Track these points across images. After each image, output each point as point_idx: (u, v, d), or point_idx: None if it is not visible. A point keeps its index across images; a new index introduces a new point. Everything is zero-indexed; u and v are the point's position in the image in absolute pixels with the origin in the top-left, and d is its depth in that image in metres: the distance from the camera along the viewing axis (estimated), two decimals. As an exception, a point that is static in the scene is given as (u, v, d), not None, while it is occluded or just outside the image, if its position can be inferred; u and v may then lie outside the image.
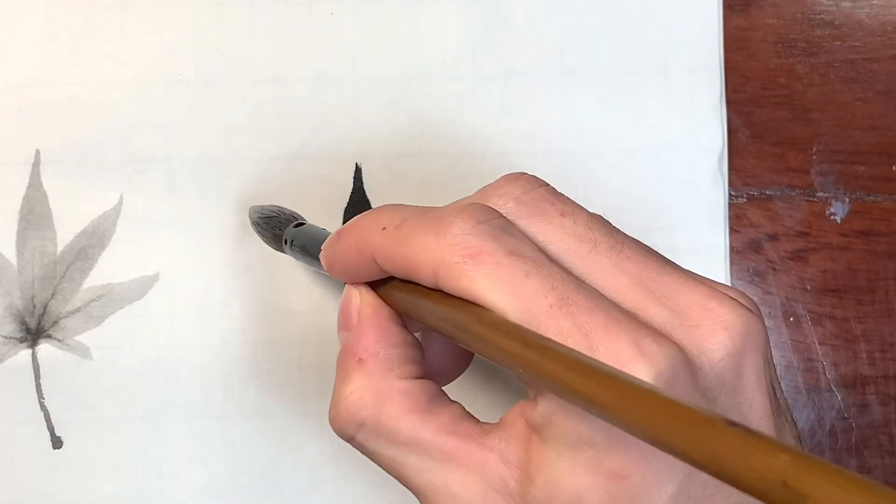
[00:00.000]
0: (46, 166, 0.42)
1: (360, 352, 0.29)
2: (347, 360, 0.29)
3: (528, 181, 0.29)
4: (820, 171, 0.43)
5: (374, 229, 0.28)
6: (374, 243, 0.28)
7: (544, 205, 0.28)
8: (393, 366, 0.29)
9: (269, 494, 0.41)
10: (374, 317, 0.29)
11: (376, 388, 0.28)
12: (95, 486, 0.41)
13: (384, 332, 0.29)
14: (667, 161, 0.43)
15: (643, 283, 0.27)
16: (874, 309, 0.43)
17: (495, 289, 0.25)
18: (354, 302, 0.30)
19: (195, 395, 0.41)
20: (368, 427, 0.28)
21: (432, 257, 0.26)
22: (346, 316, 0.30)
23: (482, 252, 0.25)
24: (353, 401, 0.28)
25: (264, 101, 0.42)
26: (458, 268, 0.25)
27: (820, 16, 0.44)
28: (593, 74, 0.43)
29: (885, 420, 0.43)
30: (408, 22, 0.43)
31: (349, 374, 0.29)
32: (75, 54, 0.42)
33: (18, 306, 0.41)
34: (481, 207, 0.27)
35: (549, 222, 0.28)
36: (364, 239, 0.29)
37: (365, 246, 0.29)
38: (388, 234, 0.28)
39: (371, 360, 0.29)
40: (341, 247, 0.30)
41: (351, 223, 0.30)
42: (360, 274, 0.30)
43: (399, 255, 0.27)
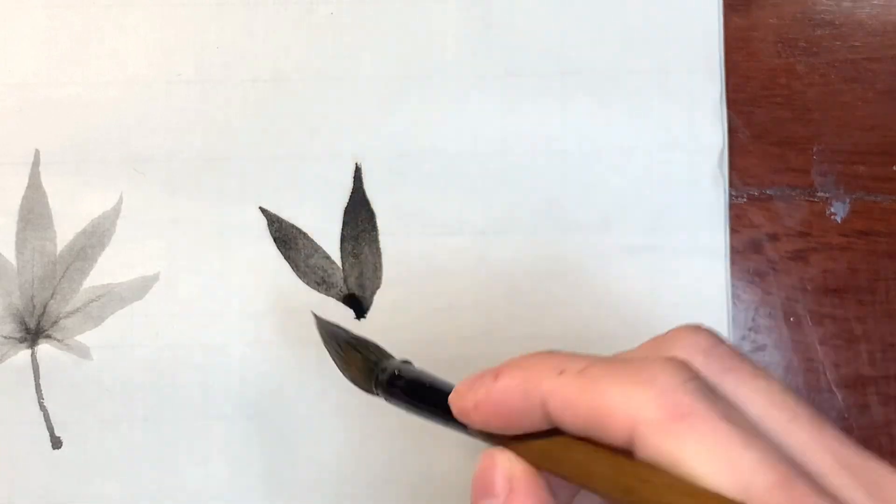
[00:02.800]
0: (46, 166, 0.42)
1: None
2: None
3: (712, 335, 0.26)
4: (820, 171, 0.43)
5: (549, 372, 0.25)
6: (550, 388, 0.25)
7: (734, 362, 0.25)
8: None
9: (269, 494, 0.41)
10: (531, 484, 0.26)
11: None
12: (95, 486, 0.41)
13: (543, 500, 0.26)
14: (667, 161, 0.42)
15: (848, 467, 0.24)
16: (875, 309, 0.43)
17: (709, 458, 0.22)
18: (502, 466, 0.27)
19: (195, 395, 0.41)
20: None
21: (631, 411, 0.23)
22: (489, 482, 0.27)
23: (695, 414, 0.22)
24: None
25: (264, 101, 0.42)
26: (665, 427, 0.22)
27: (820, 16, 0.44)
28: (593, 74, 0.43)
29: (885, 420, 0.42)
30: (408, 22, 0.43)
31: None
32: (75, 54, 0.42)
33: (18, 306, 0.41)
34: (684, 363, 0.24)
35: (742, 383, 0.25)
36: (535, 381, 0.25)
37: (535, 390, 0.25)
38: (570, 379, 0.24)
39: None
40: (499, 388, 0.26)
41: (513, 363, 0.26)
42: (516, 423, 0.26)
43: (584, 403, 0.24)
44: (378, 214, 0.42)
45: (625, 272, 0.42)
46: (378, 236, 0.42)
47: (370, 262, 0.42)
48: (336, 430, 0.42)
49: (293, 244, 0.42)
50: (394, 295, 0.42)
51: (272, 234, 0.42)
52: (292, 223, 0.42)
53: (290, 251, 0.42)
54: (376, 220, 0.42)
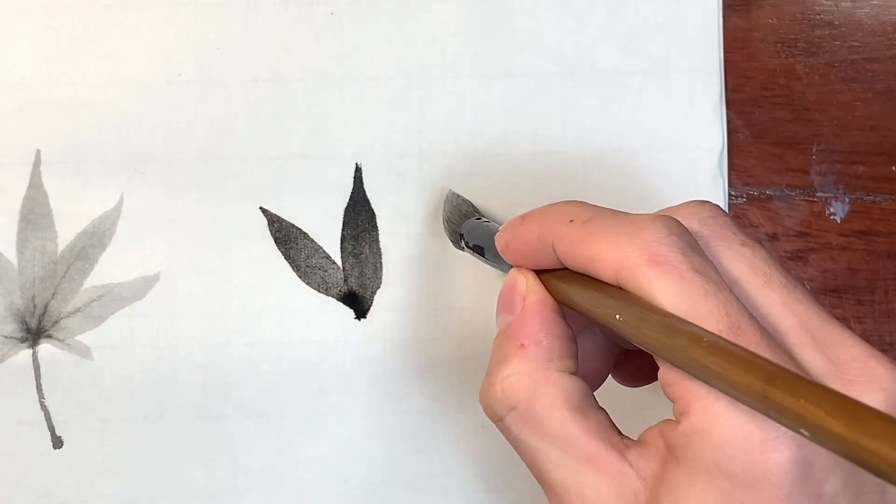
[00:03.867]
0: (47, 166, 0.42)
1: (522, 337, 0.29)
2: (508, 343, 0.29)
3: (715, 208, 0.29)
4: (820, 171, 0.43)
5: (562, 219, 0.29)
6: (559, 233, 0.29)
7: (726, 231, 0.29)
8: (553, 356, 0.29)
9: (269, 494, 0.41)
10: (539, 305, 0.30)
11: (534, 375, 0.28)
12: (95, 486, 0.41)
13: (549, 321, 0.29)
14: (667, 161, 0.43)
15: (808, 328, 0.27)
16: (874, 309, 0.43)
17: (673, 300, 0.25)
18: (520, 287, 0.30)
19: (195, 395, 0.41)
20: (519, 412, 0.28)
21: (617, 256, 0.26)
22: (510, 300, 0.30)
23: (668, 262, 0.26)
24: (510, 383, 0.28)
25: (264, 101, 0.42)
26: (642, 271, 0.26)
27: (820, 16, 0.44)
28: (593, 74, 0.43)
29: (884, 420, 0.42)
30: (408, 22, 0.43)
31: (509, 357, 0.29)
32: (75, 54, 0.42)
33: (19, 306, 0.41)
34: (672, 220, 0.27)
35: (728, 248, 0.28)
36: (549, 226, 0.29)
37: (548, 233, 0.29)
38: (575, 227, 0.28)
39: (533, 346, 0.29)
40: (523, 230, 0.30)
41: (538, 210, 0.30)
42: (535, 259, 0.30)
43: (582, 248, 0.28)
44: (378, 214, 0.42)
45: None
46: (378, 236, 0.42)
47: (370, 262, 0.42)
48: (336, 430, 0.42)
49: (293, 244, 0.42)
50: (394, 295, 0.42)
51: (272, 234, 0.42)
52: (292, 223, 0.42)
53: (290, 251, 0.42)
54: (376, 220, 0.42)
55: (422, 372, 0.42)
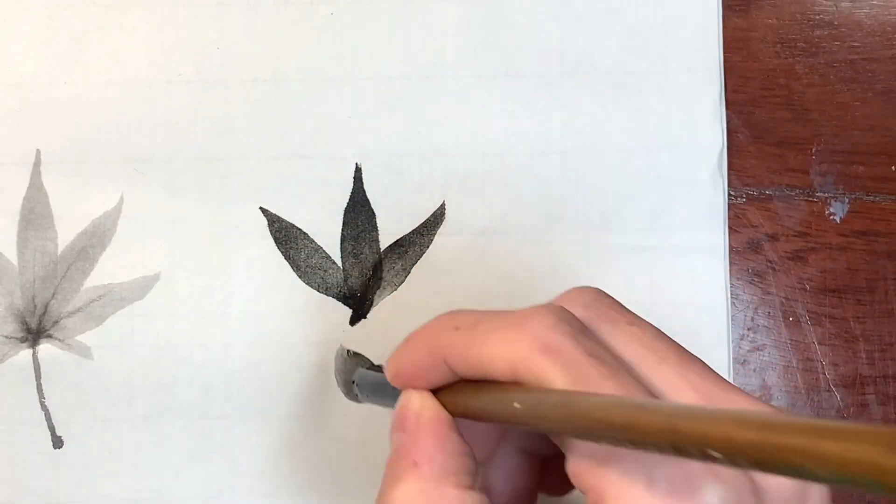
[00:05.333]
0: (47, 166, 0.42)
1: (415, 455, 0.28)
2: (400, 462, 0.29)
3: (596, 291, 0.29)
4: (819, 172, 0.43)
5: (447, 330, 0.28)
6: (447, 342, 0.28)
7: (612, 312, 0.29)
8: (448, 473, 0.28)
9: (269, 494, 0.41)
10: (434, 422, 0.29)
11: (428, 493, 0.28)
12: (96, 486, 0.41)
13: (443, 437, 0.29)
14: (667, 161, 0.43)
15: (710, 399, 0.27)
16: (873, 309, 0.43)
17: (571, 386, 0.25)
18: (414, 405, 0.30)
19: (195, 395, 0.41)
20: None
21: (510, 352, 0.26)
22: (403, 418, 0.30)
23: (562, 350, 0.26)
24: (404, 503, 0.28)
25: (264, 101, 0.42)
26: (536, 361, 0.26)
27: (819, 16, 0.44)
28: (593, 75, 0.43)
29: (884, 420, 0.43)
30: (408, 22, 0.43)
31: (401, 476, 0.28)
32: (75, 54, 0.42)
33: (19, 306, 0.41)
34: (558, 308, 0.27)
35: (618, 329, 0.28)
36: (436, 339, 0.29)
37: (436, 346, 0.29)
38: (462, 334, 0.28)
39: (427, 464, 0.28)
40: (409, 350, 0.30)
41: (420, 328, 0.30)
42: (427, 378, 0.29)
43: (474, 352, 0.27)
44: (378, 214, 0.42)
45: (624, 272, 0.42)
46: (378, 236, 0.42)
47: (370, 262, 0.42)
48: (336, 430, 0.42)
49: (293, 244, 0.42)
50: (394, 295, 0.42)
51: (272, 234, 0.42)
52: (292, 223, 0.42)
53: (290, 251, 0.42)
54: (376, 220, 0.42)
55: (422, 372, 0.42)
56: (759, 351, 0.43)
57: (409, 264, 0.42)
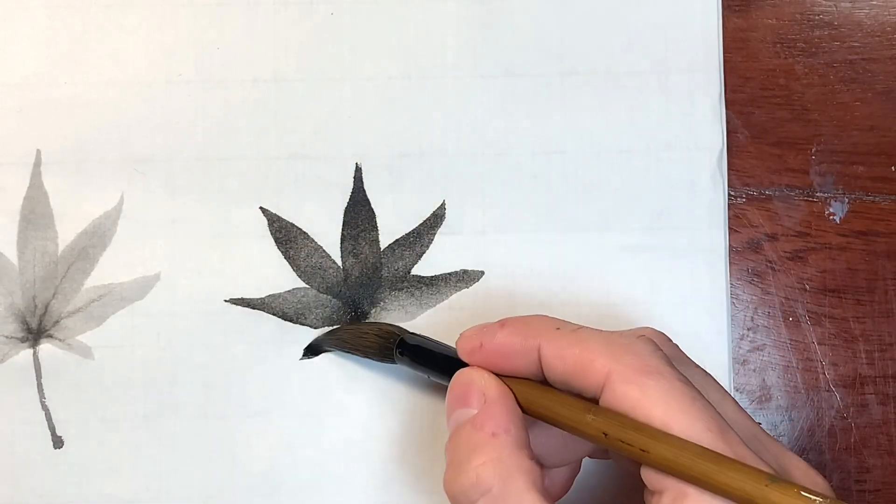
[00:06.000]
0: (47, 166, 0.42)
1: (493, 427, 0.31)
2: (476, 433, 0.31)
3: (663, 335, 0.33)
4: (819, 172, 0.43)
5: (549, 324, 0.32)
6: (549, 335, 0.31)
7: (681, 354, 0.33)
8: (523, 444, 0.31)
9: (269, 494, 0.41)
10: (504, 397, 0.32)
11: (507, 461, 0.30)
12: (96, 486, 0.41)
13: (515, 412, 0.32)
14: (667, 161, 0.43)
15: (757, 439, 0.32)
16: (873, 309, 0.43)
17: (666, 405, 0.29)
18: (478, 383, 0.33)
19: (195, 395, 0.41)
20: (493, 495, 0.30)
21: (610, 363, 0.30)
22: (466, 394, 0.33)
23: (660, 372, 0.29)
24: (484, 470, 0.30)
25: (264, 101, 0.42)
26: (637, 378, 0.29)
27: (819, 16, 0.44)
28: (593, 74, 0.43)
29: (883, 420, 0.43)
30: (408, 22, 0.43)
31: (479, 445, 0.31)
32: (75, 54, 0.42)
33: (20, 306, 0.41)
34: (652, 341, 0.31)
35: (687, 367, 0.32)
36: (536, 330, 0.32)
37: (535, 337, 0.32)
38: (565, 333, 0.31)
39: (504, 435, 0.31)
40: (503, 333, 0.33)
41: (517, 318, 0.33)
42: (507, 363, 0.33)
43: (574, 352, 0.31)
44: (378, 214, 0.42)
45: (624, 272, 0.42)
46: (378, 236, 0.42)
47: (370, 262, 0.42)
48: (336, 430, 0.42)
49: (293, 244, 0.42)
50: (394, 295, 0.42)
51: (272, 234, 0.42)
52: (292, 223, 0.42)
53: (290, 251, 0.42)
54: (376, 220, 0.42)
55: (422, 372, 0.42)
56: (759, 351, 0.43)
57: (409, 264, 0.42)
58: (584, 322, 0.42)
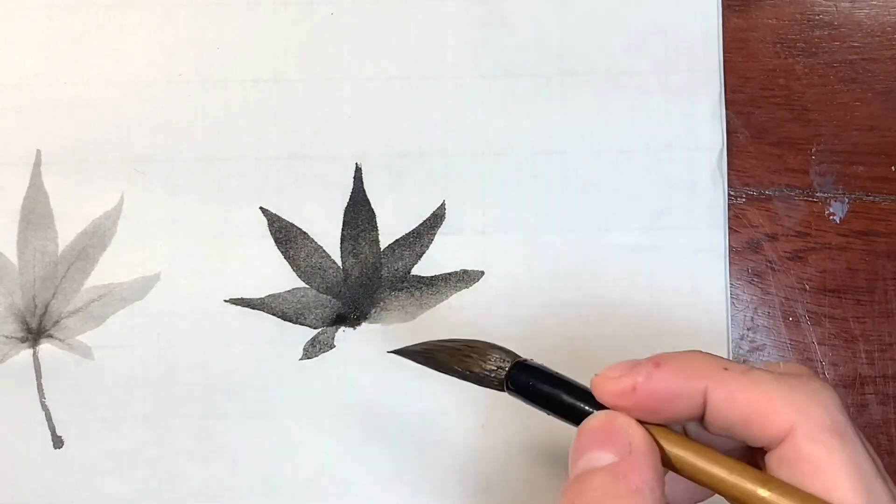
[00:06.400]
0: (47, 166, 0.42)
1: (638, 481, 0.28)
2: (616, 483, 0.28)
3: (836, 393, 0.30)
4: (819, 172, 0.43)
5: (715, 365, 0.28)
6: (716, 377, 0.28)
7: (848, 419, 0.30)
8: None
9: (269, 494, 0.41)
10: (652, 452, 0.29)
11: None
12: (96, 486, 0.41)
13: (659, 471, 0.28)
14: (667, 161, 0.43)
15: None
16: (873, 309, 0.43)
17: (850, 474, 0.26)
18: (623, 428, 0.29)
19: (195, 395, 0.41)
20: None
21: (795, 415, 0.27)
22: (610, 439, 0.29)
23: (848, 435, 0.26)
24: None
25: (264, 101, 0.42)
26: (823, 437, 0.26)
27: (819, 16, 0.44)
28: (593, 75, 0.43)
29: (883, 420, 0.43)
30: (408, 22, 0.43)
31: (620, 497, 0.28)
32: (75, 54, 0.42)
33: (20, 306, 0.41)
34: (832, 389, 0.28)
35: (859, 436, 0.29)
36: (700, 371, 0.28)
37: (700, 378, 0.28)
38: (735, 375, 0.28)
39: (649, 493, 0.28)
40: (663, 373, 0.29)
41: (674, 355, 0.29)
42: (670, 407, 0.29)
43: (749, 397, 0.27)
44: (378, 214, 0.42)
45: (624, 272, 0.42)
46: (378, 236, 0.42)
47: (370, 262, 0.42)
48: (336, 430, 0.42)
49: (293, 244, 0.42)
50: (394, 295, 0.42)
51: (272, 234, 0.42)
52: (292, 223, 0.42)
53: (290, 251, 0.42)
54: (376, 220, 0.42)
55: (422, 372, 0.42)
56: (759, 351, 0.43)
57: (409, 264, 0.42)
58: (585, 322, 0.42)
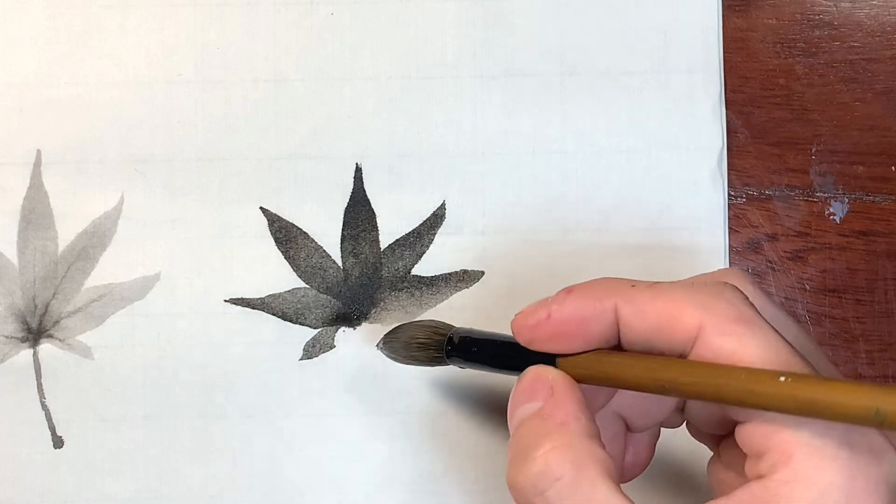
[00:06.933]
0: (47, 166, 0.42)
1: (562, 416, 0.30)
2: (545, 422, 0.30)
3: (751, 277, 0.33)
4: (819, 172, 0.43)
5: (623, 284, 0.30)
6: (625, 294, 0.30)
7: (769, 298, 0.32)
8: (593, 434, 0.30)
9: (269, 494, 0.41)
10: (572, 388, 0.30)
11: (578, 448, 0.29)
12: (96, 486, 0.41)
13: (583, 403, 0.30)
14: (667, 161, 0.43)
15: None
16: (873, 309, 0.43)
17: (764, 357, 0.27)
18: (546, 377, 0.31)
19: (195, 395, 0.41)
20: (564, 484, 0.28)
21: (701, 315, 0.28)
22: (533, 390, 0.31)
23: (754, 322, 0.28)
24: (553, 456, 0.29)
25: (264, 101, 0.42)
26: (730, 328, 0.28)
27: (819, 16, 0.44)
28: (593, 74, 0.43)
29: (883, 419, 0.43)
30: (408, 22, 0.43)
31: (548, 433, 0.29)
32: (75, 54, 0.42)
33: (20, 306, 0.41)
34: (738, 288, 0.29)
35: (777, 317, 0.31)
36: (609, 290, 0.30)
37: (609, 297, 0.30)
38: (643, 290, 0.30)
39: (575, 423, 0.29)
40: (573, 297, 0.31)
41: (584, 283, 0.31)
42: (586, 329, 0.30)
43: (658, 307, 0.29)
44: (378, 214, 0.42)
45: (624, 272, 0.42)
46: (378, 236, 0.42)
47: (370, 262, 0.42)
48: (336, 430, 0.42)
49: (293, 244, 0.42)
50: (394, 295, 0.42)
51: (272, 234, 0.42)
52: (292, 223, 0.42)
53: (290, 251, 0.42)
54: (376, 220, 0.42)
55: (422, 372, 0.42)
56: (759, 351, 0.43)
57: (409, 264, 0.42)
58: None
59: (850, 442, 0.26)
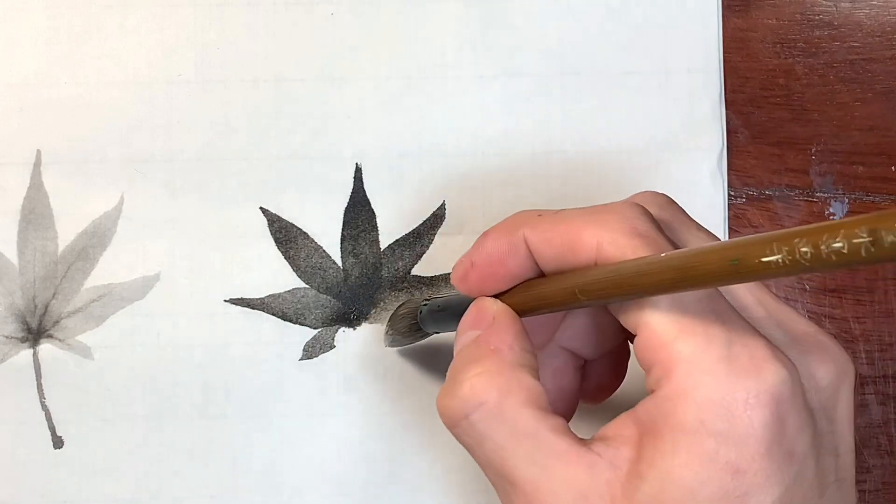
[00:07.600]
0: (47, 166, 0.42)
1: (496, 342, 0.30)
2: (479, 348, 0.30)
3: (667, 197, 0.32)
4: (819, 172, 0.43)
5: (529, 216, 0.31)
6: (532, 225, 0.30)
7: (684, 217, 0.32)
8: (525, 363, 0.30)
9: (269, 494, 0.41)
10: (510, 318, 0.31)
11: (506, 375, 0.29)
12: (96, 486, 0.41)
13: (520, 334, 0.31)
14: (667, 161, 0.43)
15: (765, 306, 0.30)
16: (873, 309, 0.43)
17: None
18: (489, 308, 0.32)
19: (195, 395, 0.41)
20: (488, 409, 0.29)
21: (599, 232, 0.28)
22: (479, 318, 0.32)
23: (647, 235, 0.28)
24: (480, 381, 0.29)
25: (264, 101, 0.42)
26: (626, 241, 0.28)
27: (819, 16, 0.44)
28: (593, 74, 0.43)
29: (883, 420, 0.43)
30: (408, 22, 0.43)
31: (480, 358, 0.30)
32: (75, 54, 0.42)
33: (20, 306, 0.41)
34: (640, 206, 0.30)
35: (688, 231, 0.31)
36: (518, 225, 0.31)
37: (518, 229, 0.30)
38: (547, 217, 0.30)
39: (507, 350, 0.30)
40: (487, 240, 0.32)
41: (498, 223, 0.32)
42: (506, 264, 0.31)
43: (561, 230, 0.29)
44: (378, 214, 0.42)
45: (624, 272, 0.42)
46: (378, 236, 0.42)
47: (370, 262, 0.42)
48: (336, 430, 0.42)
49: (293, 244, 0.42)
50: (394, 295, 0.42)
51: (272, 234, 0.42)
52: (292, 223, 0.42)
53: (290, 251, 0.42)
54: (376, 220, 0.42)
55: (422, 371, 0.42)
56: (759, 351, 0.43)
57: (409, 264, 0.42)
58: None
59: (730, 356, 0.26)
